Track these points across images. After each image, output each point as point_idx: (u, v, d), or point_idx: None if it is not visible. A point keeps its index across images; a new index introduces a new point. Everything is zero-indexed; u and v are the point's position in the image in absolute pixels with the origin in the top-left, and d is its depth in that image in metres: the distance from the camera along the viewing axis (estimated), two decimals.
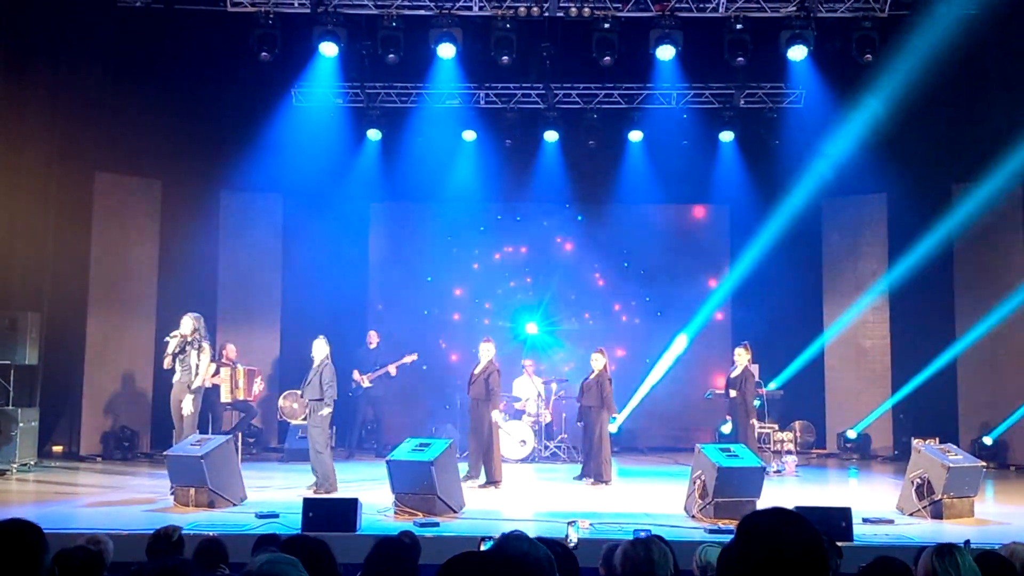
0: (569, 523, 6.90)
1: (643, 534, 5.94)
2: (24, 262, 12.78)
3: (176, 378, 10.56)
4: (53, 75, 13.13)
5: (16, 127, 12.53)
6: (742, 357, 12.20)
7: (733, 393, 12.11)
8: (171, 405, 10.62)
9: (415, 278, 16.18)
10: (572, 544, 6.35)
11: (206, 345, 10.62)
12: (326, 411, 10.48)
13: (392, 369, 14.24)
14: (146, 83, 13.79)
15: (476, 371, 11.48)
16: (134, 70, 13.78)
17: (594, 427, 11.63)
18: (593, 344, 13.22)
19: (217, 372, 13.11)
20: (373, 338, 14.54)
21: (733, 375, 12.23)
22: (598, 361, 11.88)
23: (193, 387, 10.38)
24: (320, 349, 10.69)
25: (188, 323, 10.57)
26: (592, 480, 11.49)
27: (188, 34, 13.42)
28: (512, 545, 2.48)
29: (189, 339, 10.47)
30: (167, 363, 10.67)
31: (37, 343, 12.42)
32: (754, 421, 12.07)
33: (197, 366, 10.48)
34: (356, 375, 14.04)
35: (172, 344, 10.52)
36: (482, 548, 4.45)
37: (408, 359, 14.25)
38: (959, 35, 13.15)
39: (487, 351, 11.52)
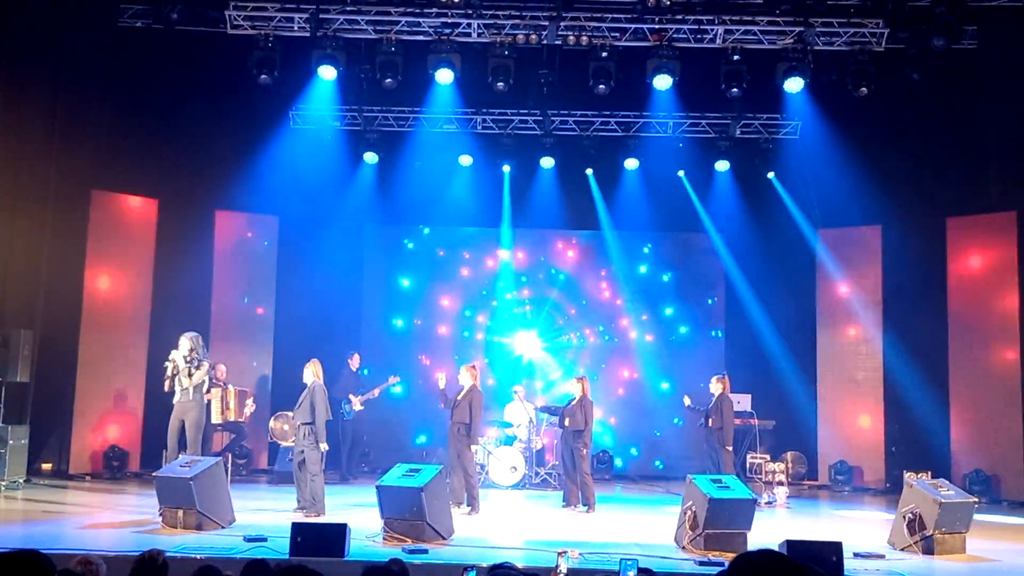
0: (559, 553, 6.85)
1: (629, 562, 5.91)
2: (18, 279, 12.75)
3: (177, 399, 10.72)
4: (52, 93, 13.16)
5: (14, 144, 12.54)
6: (715, 387, 12.39)
7: (710, 422, 12.21)
8: (170, 426, 10.74)
9: (408, 298, 16.18)
10: (562, 573, 6.32)
11: (205, 364, 10.71)
12: (324, 446, 10.48)
13: (376, 392, 14.18)
14: (144, 103, 13.87)
15: (459, 396, 11.45)
16: (133, 90, 13.85)
17: (580, 453, 11.60)
18: (585, 366, 13.25)
19: (208, 391, 13.08)
20: (356, 360, 14.44)
21: (711, 405, 12.32)
22: (577, 388, 11.87)
23: (192, 388, 10.54)
24: (310, 373, 10.67)
25: (186, 343, 10.72)
26: (587, 508, 11.44)
27: (188, 55, 13.49)
28: None
29: (188, 359, 10.54)
30: (167, 386, 10.82)
31: (29, 360, 12.38)
32: (729, 448, 12.09)
33: (192, 386, 10.63)
34: (352, 398, 13.96)
35: (171, 368, 10.63)
36: None
37: (392, 381, 14.20)
38: (955, 68, 13.30)
39: (469, 377, 11.50)
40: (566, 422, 11.77)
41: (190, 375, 10.68)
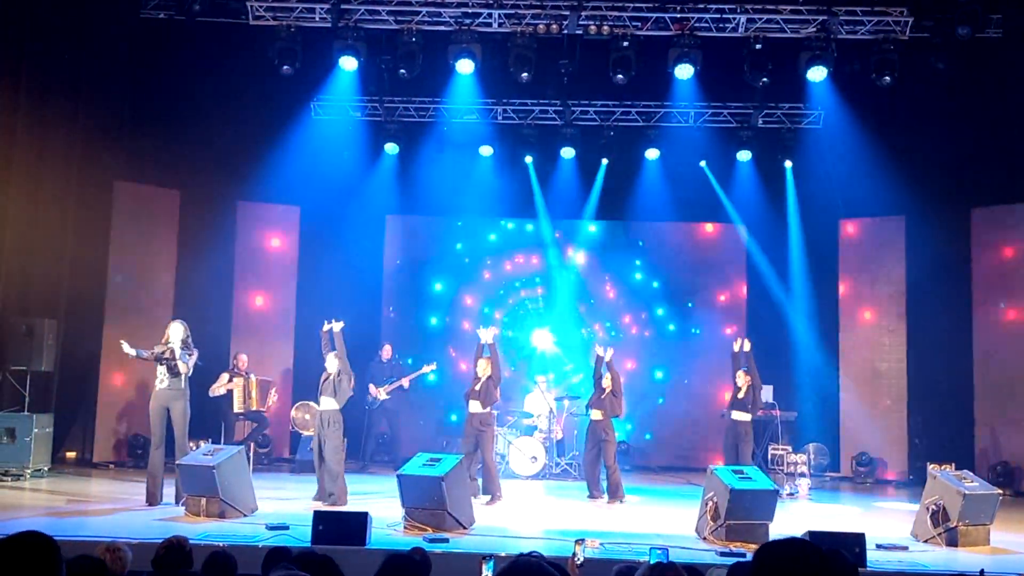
0: (577, 541, 6.85)
1: (659, 551, 5.89)
2: (42, 269, 12.85)
3: (164, 386, 10.07)
4: (74, 83, 13.24)
5: (37, 135, 12.63)
6: (741, 379, 12.17)
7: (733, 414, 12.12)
8: (154, 413, 10.15)
9: (428, 289, 16.21)
10: (579, 562, 6.31)
11: (195, 352, 10.25)
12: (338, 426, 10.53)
13: (405, 382, 14.21)
14: (166, 94, 13.93)
15: (476, 386, 11.43)
16: (155, 81, 13.92)
17: (606, 442, 11.54)
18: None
19: (230, 380, 13.14)
20: (387, 351, 14.52)
21: (739, 397, 12.08)
22: (606, 378, 11.81)
23: (184, 377, 10.07)
24: (331, 362, 10.71)
25: (180, 329, 10.17)
26: (611, 499, 11.39)
27: (209, 46, 13.54)
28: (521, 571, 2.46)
29: (183, 345, 10.11)
30: (161, 375, 10.17)
31: (53, 350, 12.49)
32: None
33: (187, 374, 10.12)
34: (372, 388, 14.03)
35: (167, 352, 10.07)
36: (484, 568, 4.42)
37: (427, 369, 14.20)
38: (980, 57, 13.16)
39: (485, 366, 11.49)
40: (593, 412, 11.73)
41: (172, 357, 10.03)
